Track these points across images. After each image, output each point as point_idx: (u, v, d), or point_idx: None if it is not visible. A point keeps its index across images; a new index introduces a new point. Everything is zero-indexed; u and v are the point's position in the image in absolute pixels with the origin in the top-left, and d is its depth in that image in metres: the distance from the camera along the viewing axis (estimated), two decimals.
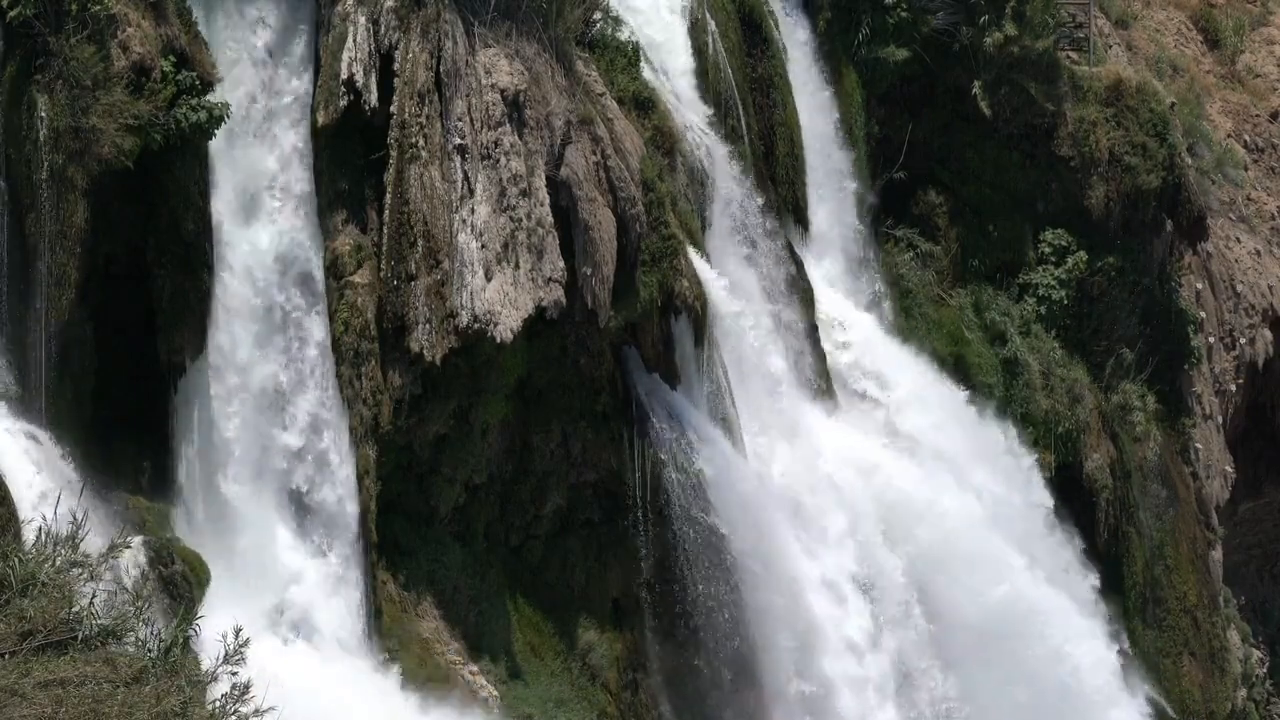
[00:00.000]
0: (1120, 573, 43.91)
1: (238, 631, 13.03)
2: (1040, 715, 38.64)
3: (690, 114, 35.94)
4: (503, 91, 30.46)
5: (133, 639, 13.27)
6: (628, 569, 33.20)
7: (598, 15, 33.64)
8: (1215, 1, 56.25)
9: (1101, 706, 40.15)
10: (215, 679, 12.85)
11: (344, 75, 29.05)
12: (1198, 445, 47.32)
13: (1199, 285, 48.21)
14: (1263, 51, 55.83)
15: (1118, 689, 40.76)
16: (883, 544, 36.54)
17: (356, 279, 29.39)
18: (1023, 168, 44.28)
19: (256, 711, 13.10)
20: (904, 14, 41.38)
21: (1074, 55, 46.00)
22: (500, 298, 29.80)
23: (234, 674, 12.88)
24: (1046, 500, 41.28)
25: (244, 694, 12.59)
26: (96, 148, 25.65)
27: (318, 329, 29.14)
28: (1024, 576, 38.87)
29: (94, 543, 14.29)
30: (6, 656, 12.70)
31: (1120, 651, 41.30)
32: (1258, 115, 54.26)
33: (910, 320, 41.44)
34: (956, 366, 41.48)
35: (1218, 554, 47.89)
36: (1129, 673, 41.52)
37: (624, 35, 34.40)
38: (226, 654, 12.71)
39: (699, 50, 36.64)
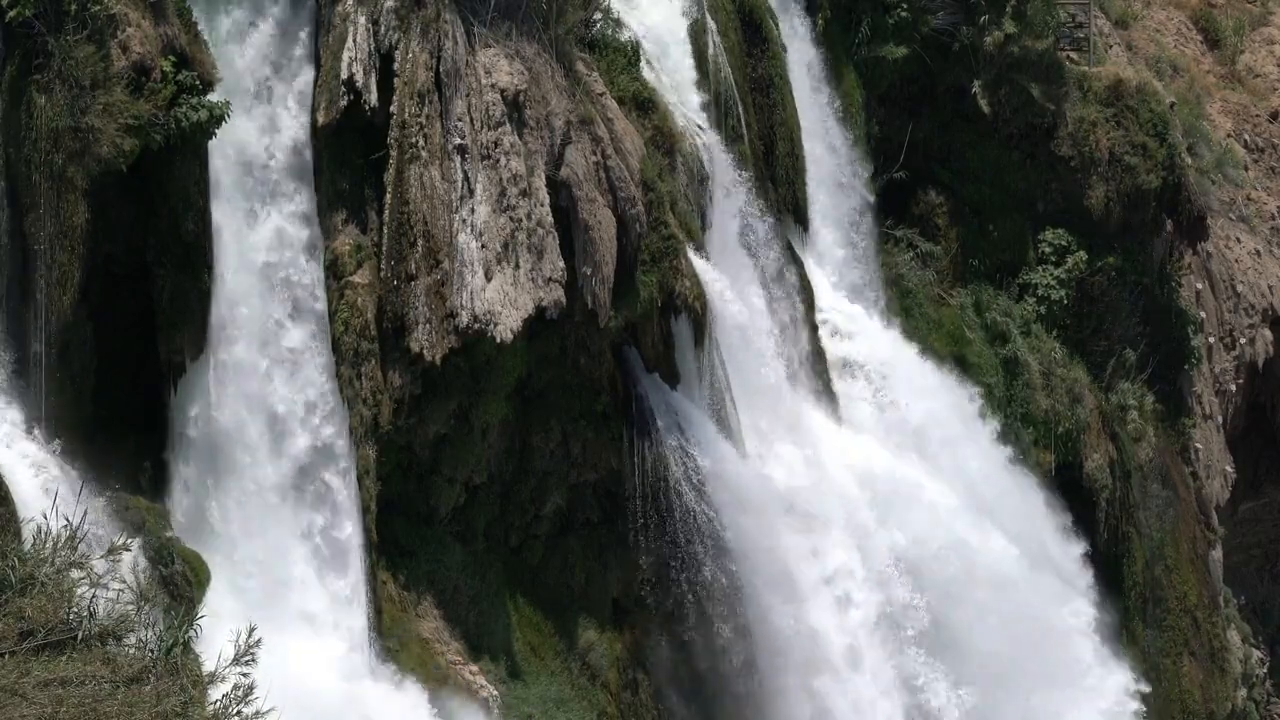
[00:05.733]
0: (1120, 573, 43.91)
1: (251, 630, 12.96)
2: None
3: (690, 114, 35.93)
4: (503, 91, 30.45)
5: (133, 639, 13.24)
6: (628, 569, 33.19)
7: (598, 15, 33.63)
8: (1215, 1, 56.27)
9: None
10: (223, 679, 12.80)
11: (344, 75, 29.03)
12: (1198, 445, 47.32)
13: (1199, 285, 48.23)
14: (1263, 51, 55.85)
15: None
16: (883, 545, 36.52)
17: (356, 279, 29.37)
18: (1023, 168, 44.30)
19: (257, 712, 13.06)
20: (904, 14, 41.39)
21: (1074, 55, 46.03)
22: (500, 298, 29.79)
23: (245, 674, 12.82)
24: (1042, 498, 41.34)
25: (248, 694, 12.55)
26: (96, 148, 25.62)
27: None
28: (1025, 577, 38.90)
29: (94, 543, 14.26)
30: (6, 656, 12.68)
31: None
32: (1258, 115, 54.28)
33: (910, 320, 41.46)
34: (957, 366, 41.48)
35: (1218, 554, 47.89)
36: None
37: (624, 35, 34.40)
38: (237, 653, 12.65)
39: (699, 50, 36.63)
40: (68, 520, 13.91)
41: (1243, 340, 49.69)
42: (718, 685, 33.95)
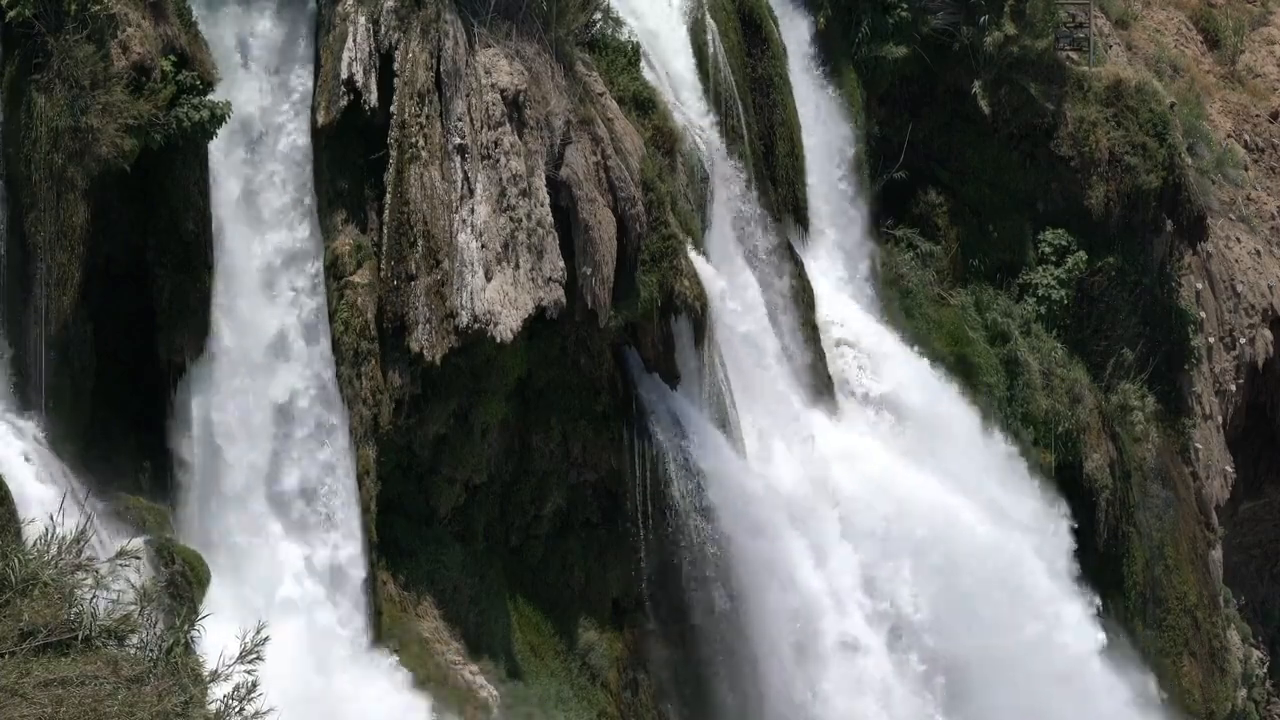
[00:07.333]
0: (1120, 573, 43.90)
1: (259, 629, 12.96)
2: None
3: (690, 114, 35.93)
4: (503, 91, 30.44)
5: (135, 639, 13.23)
6: (628, 569, 33.19)
7: (598, 16, 33.61)
8: (1215, 1, 56.25)
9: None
10: (226, 677, 12.79)
11: (344, 75, 29.02)
12: (1198, 445, 47.31)
13: (1199, 285, 48.20)
14: (1263, 51, 55.83)
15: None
16: (883, 544, 36.51)
17: (356, 279, 29.37)
18: (1023, 168, 44.30)
19: (257, 713, 13.05)
20: (904, 14, 41.39)
21: (1074, 55, 46.01)
22: (500, 298, 29.78)
23: (250, 671, 12.82)
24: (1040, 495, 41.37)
25: (250, 692, 12.55)
26: (96, 148, 25.61)
27: None
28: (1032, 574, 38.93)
29: (97, 544, 14.22)
30: (6, 656, 12.67)
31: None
32: (1258, 115, 54.25)
33: (911, 320, 41.44)
34: (959, 366, 41.45)
35: (1218, 554, 47.88)
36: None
37: (624, 35, 34.39)
38: (242, 652, 12.65)
39: (699, 50, 36.62)
40: (88, 519, 13.90)
41: (1243, 340, 49.67)
42: (717, 685, 33.95)
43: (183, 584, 25.73)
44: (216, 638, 14.29)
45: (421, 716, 29.04)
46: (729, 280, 34.94)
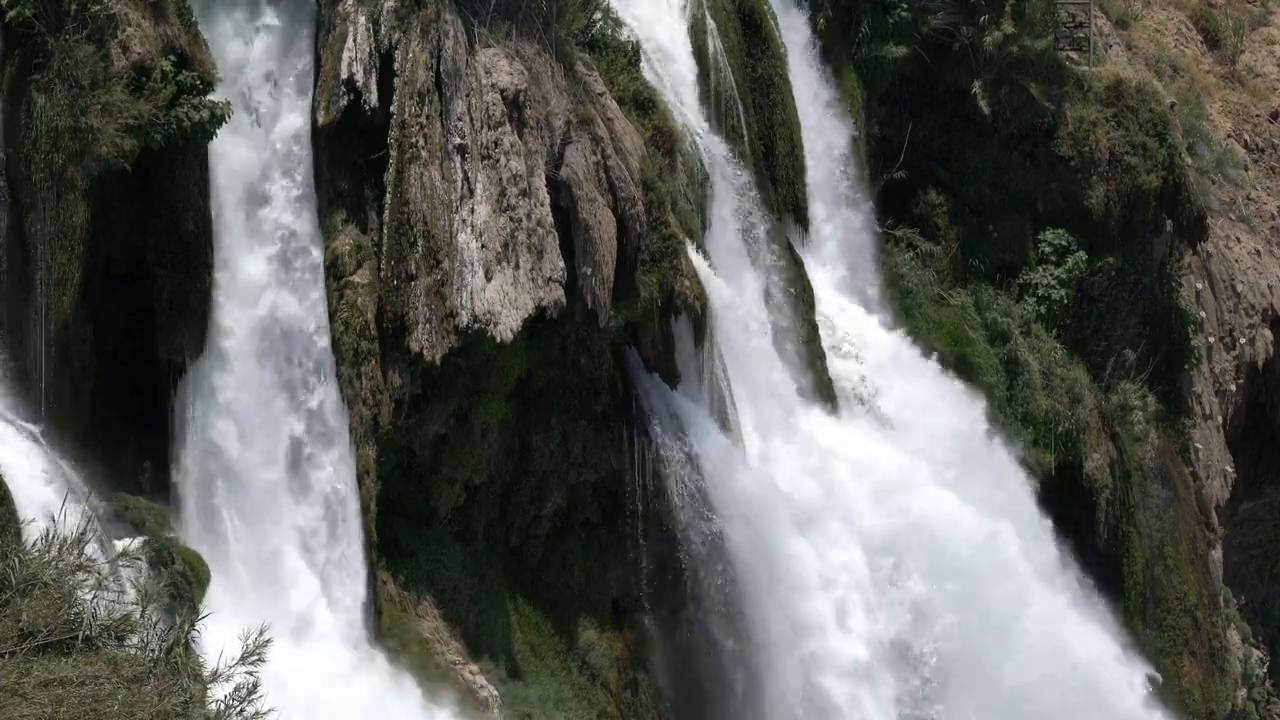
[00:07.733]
0: (1120, 573, 43.91)
1: (262, 630, 12.98)
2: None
3: (690, 114, 35.94)
4: (503, 91, 30.45)
5: (135, 639, 13.23)
6: (628, 569, 33.19)
7: (598, 16, 33.62)
8: (1215, 1, 56.27)
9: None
10: (227, 678, 12.79)
11: (344, 75, 29.02)
12: (1198, 445, 47.32)
13: (1199, 285, 48.21)
14: (1263, 51, 55.84)
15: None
16: (882, 544, 36.50)
17: (356, 279, 29.37)
18: (1023, 168, 44.32)
19: (257, 713, 13.05)
20: (904, 14, 41.42)
21: (1074, 55, 46.03)
22: (500, 298, 29.79)
23: (250, 672, 12.83)
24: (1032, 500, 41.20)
25: (251, 693, 12.55)
26: (96, 148, 25.62)
27: None
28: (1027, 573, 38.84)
29: (94, 543, 14.22)
30: (6, 657, 12.67)
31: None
32: (1258, 115, 54.27)
33: (911, 320, 41.45)
34: (959, 366, 41.46)
35: (1218, 554, 47.89)
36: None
37: (624, 35, 34.41)
38: (245, 653, 12.65)
39: (699, 50, 36.65)
40: (88, 519, 13.89)
41: (1243, 340, 49.68)
42: (717, 685, 33.94)
43: (183, 584, 25.74)
44: (216, 637, 14.30)
45: (420, 717, 29.02)
46: (729, 280, 34.94)
